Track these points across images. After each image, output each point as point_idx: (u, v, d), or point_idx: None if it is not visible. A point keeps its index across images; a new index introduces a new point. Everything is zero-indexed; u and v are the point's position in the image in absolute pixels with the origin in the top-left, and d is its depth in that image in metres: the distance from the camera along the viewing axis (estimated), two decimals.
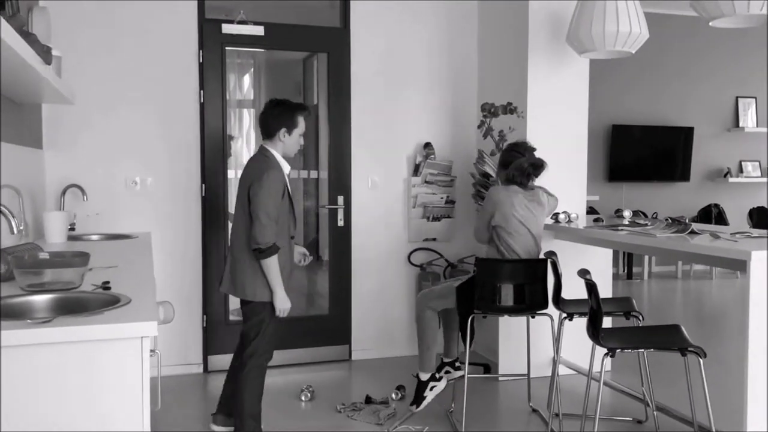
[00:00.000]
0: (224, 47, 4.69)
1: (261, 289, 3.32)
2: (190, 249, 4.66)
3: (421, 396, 3.82)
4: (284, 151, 3.41)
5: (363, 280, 5.04)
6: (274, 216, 3.26)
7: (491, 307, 3.59)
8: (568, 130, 4.59)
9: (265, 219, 3.22)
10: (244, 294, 3.36)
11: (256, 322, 3.36)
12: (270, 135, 3.39)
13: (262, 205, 3.22)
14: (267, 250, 3.24)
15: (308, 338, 4.94)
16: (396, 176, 5.07)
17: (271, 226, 3.24)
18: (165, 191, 4.59)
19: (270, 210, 3.24)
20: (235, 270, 3.39)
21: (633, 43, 4.02)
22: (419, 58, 5.08)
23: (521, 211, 3.62)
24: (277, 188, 3.28)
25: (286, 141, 3.39)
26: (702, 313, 7.30)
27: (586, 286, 2.96)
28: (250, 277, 3.32)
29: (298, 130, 3.39)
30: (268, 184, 3.24)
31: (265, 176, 3.25)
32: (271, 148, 3.40)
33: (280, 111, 3.40)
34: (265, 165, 3.33)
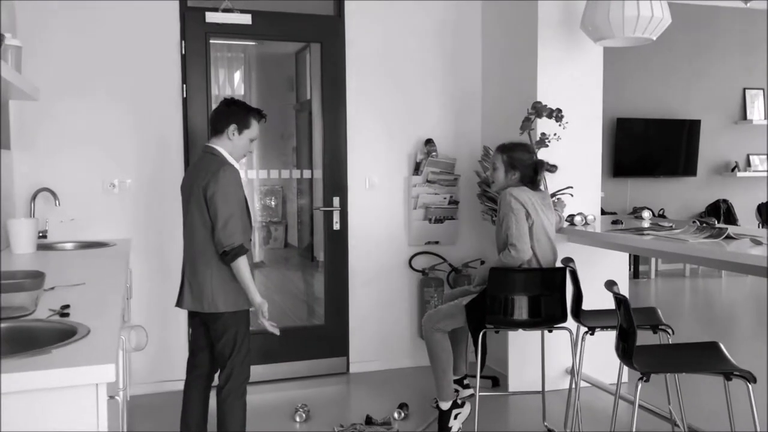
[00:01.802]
0: (208, 37, 4.34)
1: (232, 297, 3.00)
2: (174, 256, 4.30)
3: (446, 427, 3.48)
4: (232, 152, 3.07)
5: (361, 287, 4.70)
6: (239, 214, 2.96)
7: (504, 321, 3.26)
8: (581, 123, 4.25)
9: (229, 217, 2.92)
10: (215, 306, 3.01)
11: (231, 336, 3.03)
12: (218, 131, 3.07)
13: (224, 203, 2.92)
14: (234, 251, 2.92)
15: (303, 350, 4.60)
16: (395, 175, 4.73)
17: (236, 225, 2.94)
18: (145, 194, 4.24)
19: (233, 207, 2.94)
20: (198, 282, 3.04)
21: (654, 29, 3.68)
22: (419, 48, 4.73)
23: (542, 215, 3.30)
24: (237, 184, 2.98)
25: (234, 140, 3.06)
26: (714, 314, 6.99)
27: (615, 301, 2.63)
28: (220, 286, 2.99)
29: (249, 133, 3.07)
30: (226, 179, 2.94)
31: (221, 173, 2.94)
32: (218, 145, 3.07)
33: (233, 109, 3.10)
34: (218, 161, 3.01)
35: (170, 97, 4.26)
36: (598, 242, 3.58)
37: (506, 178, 3.45)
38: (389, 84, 4.67)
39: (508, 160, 3.44)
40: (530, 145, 3.56)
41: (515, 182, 3.43)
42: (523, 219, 3.24)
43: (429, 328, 3.44)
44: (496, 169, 3.48)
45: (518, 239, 3.22)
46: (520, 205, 3.26)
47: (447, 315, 3.40)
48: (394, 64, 4.67)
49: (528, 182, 3.42)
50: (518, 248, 3.21)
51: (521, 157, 3.43)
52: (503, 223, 3.26)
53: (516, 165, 3.42)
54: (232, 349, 3.01)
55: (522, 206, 3.26)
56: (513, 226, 3.23)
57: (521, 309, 3.23)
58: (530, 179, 3.42)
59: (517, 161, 3.42)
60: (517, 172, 3.42)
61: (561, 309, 3.26)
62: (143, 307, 4.20)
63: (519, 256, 3.21)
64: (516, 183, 3.43)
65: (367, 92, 4.63)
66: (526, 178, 3.41)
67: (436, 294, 4.67)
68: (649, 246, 3.09)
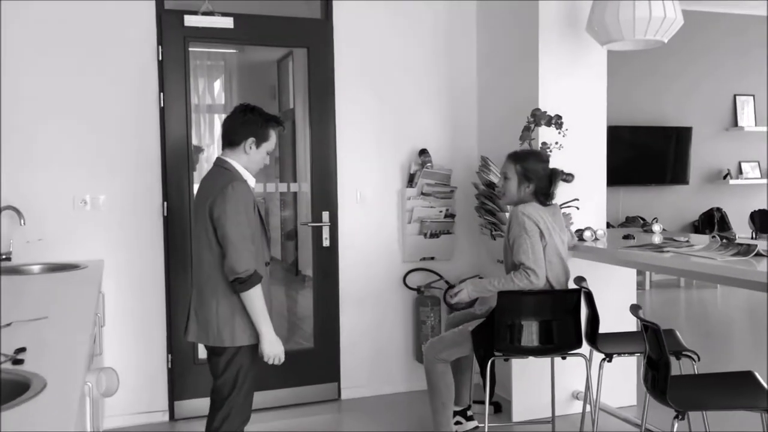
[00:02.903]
0: (187, 42, 4.04)
1: (241, 330, 2.71)
2: (151, 278, 4.00)
3: None
4: (248, 165, 2.81)
5: (352, 308, 4.41)
6: (249, 236, 2.67)
7: (514, 349, 2.99)
8: (584, 131, 4.00)
9: (240, 241, 2.62)
10: (221, 340, 2.73)
11: (233, 373, 2.75)
12: (233, 144, 2.80)
13: (233, 224, 2.63)
14: (249, 279, 2.63)
15: (291, 376, 4.29)
16: (388, 188, 4.45)
17: (249, 248, 2.65)
18: (120, 211, 3.92)
19: (243, 229, 2.65)
20: (205, 312, 2.76)
21: (667, 31, 3.45)
22: (412, 53, 4.46)
23: (554, 235, 3.04)
24: (247, 201, 2.69)
25: (251, 154, 2.79)
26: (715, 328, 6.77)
27: (643, 328, 2.37)
28: (226, 318, 2.70)
29: (267, 145, 2.82)
30: (235, 197, 2.65)
31: (229, 189, 2.65)
32: (232, 159, 2.79)
33: (251, 119, 2.81)
34: (227, 177, 2.73)
35: (146, 107, 3.95)
36: (615, 260, 3.31)
37: (519, 191, 3.19)
38: (381, 91, 4.40)
39: (522, 171, 3.18)
40: (544, 153, 3.30)
41: (529, 195, 3.17)
42: (538, 241, 2.98)
43: (431, 358, 3.15)
44: (508, 179, 3.21)
45: (535, 263, 2.95)
46: (534, 225, 3.00)
47: (451, 343, 3.12)
48: (386, 70, 4.41)
49: (542, 194, 3.16)
50: (537, 274, 2.95)
51: (536, 168, 3.18)
52: (515, 243, 3.00)
53: (530, 176, 3.16)
54: (232, 388, 2.73)
55: (536, 226, 3.00)
56: (528, 249, 2.96)
57: (532, 335, 2.97)
58: (545, 191, 3.17)
59: (532, 172, 3.17)
60: (532, 184, 3.16)
61: (575, 334, 3.00)
62: (118, 335, 3.89)
63: (536, 283, 2.94)
64: (529, 196, 3.17)
65: (358, 100, 4.36)
66: (541, 190, 3.16)
67: (432, 313, 4.40)
68: (674, 265, 2.83)
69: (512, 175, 3.20)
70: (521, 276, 2.94)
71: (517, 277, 2.95)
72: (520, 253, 2.96)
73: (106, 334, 3.73)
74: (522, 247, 2.95)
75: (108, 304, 3.72)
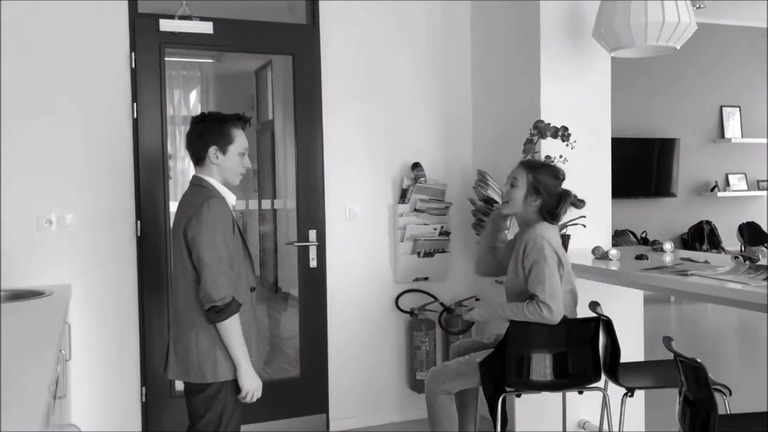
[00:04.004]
0: (163, 49, 3.74)
1: (223, 364, 2.44)
2: (124, 304, 3.67)
3: None
4: (223, 177, 2.56)
5: (341, 333, 4.11)
6: (227, 259, 2.41)
7: (526, 383, 2.71)
8: (589, 142, 3.76)
9: (216, 265, 2.37)
10: (202, 375, 2.46)
11: (217, 412, 2.47)
12: (200, 159, 2.56)
13: (209, 247, 2.38)
14: (225, 308, 2.37)
15: (275, 408, 3.97)
16: (379, 204, 4.17)
17: (225, 273, 2.39)
18: (89, 231, 3.60)
19: (220, 252, 2.39)
20: (183, 344, 2.49)
21: (680, 37, 3.23)
22: (403, 62, 4.20)
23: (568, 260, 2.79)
24: (225, 221, 2.44)
25: (221, 163, 2.54)
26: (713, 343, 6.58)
27: (681, 365, 2.11)
28: (207, 350, 2.44)
29: (235, 147, 2.56)
30: (211, 217, 2.40)
31: (204, 208, 2.41)
32: (205, 175, 2.55)
33: (206, 127, 2.57)
34: (204, 195, 2.48)
35: (118, 118, 3.64)
36: (638, 285, 3.05)
37: (525, 202, 2.92)
38: (370, 101, 4.13)
39: (533, 181, 2.91)
40: (561, 170, 3.04)
41: (533, 210, 2.91)
42: (556, 272, 2.72)
43: (433, 389, 2.87)
44: (516, 187, 2.94)
45: (552, 298, 2.67)
46: (554, 254, 2.74)
47: (456, 374, 2.84)
48: (376, 79, 4.14)
49: (548, 212, 2.90)
50: (552, 310, 2.66)
51: (547, 182, 2.92)
52: (532, 271, 2.72)
53: (540, 189, 2.90)
54: (216, 428, 2.46)
55: (555, 254, 2.74)
56: (546, 280, 2.68)
57: (546, 368, 2.70)
58: (551, 210, 2.90)
59: (543, 185, 2.90)
60: (539, 199, 2.90)
61: (594, 366, 2.73)
62: (86, 368, 3.55)
63: (549, 319, 2.66)
64: (534, 211, 2.91)
65: (346, 110, 4.08)
66: (548, 208, 2.90)
67: (427, 338, 4.12)
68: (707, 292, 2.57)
69: (522, 184, 2.93)
70: (534, 309, 2.66)
71: (530, 309, 2.67)
72: (536, 283, 2.69)
73: (73, 368, 3.39)
74: (539, 277, 2.69)
75: (75, 333, 3.39)
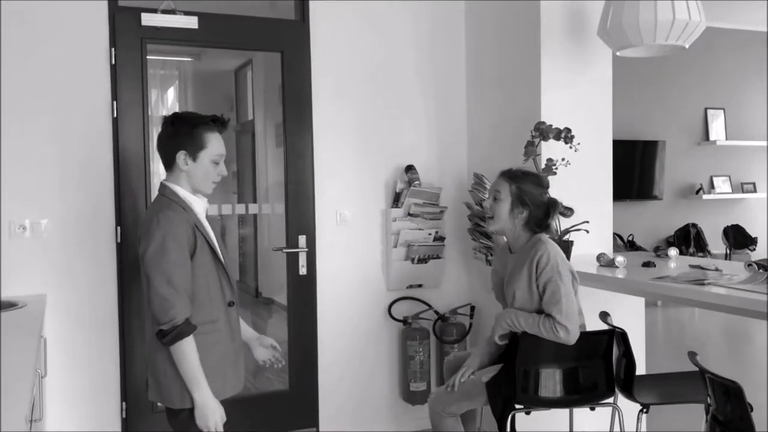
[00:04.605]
0: (145, 44, 3.54)
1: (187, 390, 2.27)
2: (103, 315, 3.46)
3: None
4: (193, 185, 2.36)
5: (332, 343, 3.93)
6: (180, 280, 2.20)
7: (536, 400, 2.57)
8: (589, 145, 3.62)
9: (163, 284, 2.18)
10: (170, 400, 2.29)
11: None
12: (169, 164, 2.36)
13: (156, 264, 2.19)
14: (172, 331, 2.18)
15: (263, 422, 3.79)
16: (371, 208, 4.00)
17: (176, 295, 2.19)
18: (66, 238, 3.38)
19: (168, 270, 2.19)
20: (153, 367, 2.34)
21: (690, 36, 3.11)
22: (396, 59, 4.04)
23: None
24: (178, 238, 2.22)
25: (191, 170, 2.34)
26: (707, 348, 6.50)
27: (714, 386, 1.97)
28: (173, 374, 2.25)
29: (207, 153, 2.34)
30: (160, 234, 2.20)
31: (154, 224, 2.22)
32: (172, 183, 2.35)
33: (176, 130, 2.36)
34: (157, 207, 2.30)
35: (97, 117, 3.43)
36: (654, 296, 2.92)
37: (511, 215, 2.76)
38: (362, 100, 3.96)
39: (518, 193, 2.75)
40: (545, 178, 2.90)
41: (520, 223, 2.75)
42: (572, 291, 2.58)
43: (438, 412, 2.70)
44: (499, 200, 2.77)
45: (568, 318, 2.52)
46: (568, 271, 2.59)
47: (462, 395, 2.67)
48: (368, 78, 3.97)
49: (535, 224, 2.75)
50: (569, 331, 2.52)
51: (533, 192, 2.76)
52: (546, 290, 2.57)
53: (526, 201, 2.73)
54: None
55: (569, 272, 2.59)
56: (562, 300, 2.53)
57: (556, 384, 2.55)
58: (538, 222, 2.75)
59: (528, 196, 2.74)
60: (526, 210, 2.73)
61: (607, 381, 2.59)
62: (63, 383, 3.33)
63: (568, 340, 2.52)
64: (521, 224, 2.75)
65: (337, 110, 3.91)
66: (535, 220, 2.74)
67: (421, 348, 3.96)
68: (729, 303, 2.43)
69: (505, 197, 2.76)
70: (549, 329, 2.51)
71: (545, 327, 2.51)
72: (552, 304, 2.53)
73: (48, 384, 3.18)
74: (554, 297, 2.53)
75: (51, 346, 3.18)
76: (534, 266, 2.61)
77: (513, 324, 2.53)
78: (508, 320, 2.55)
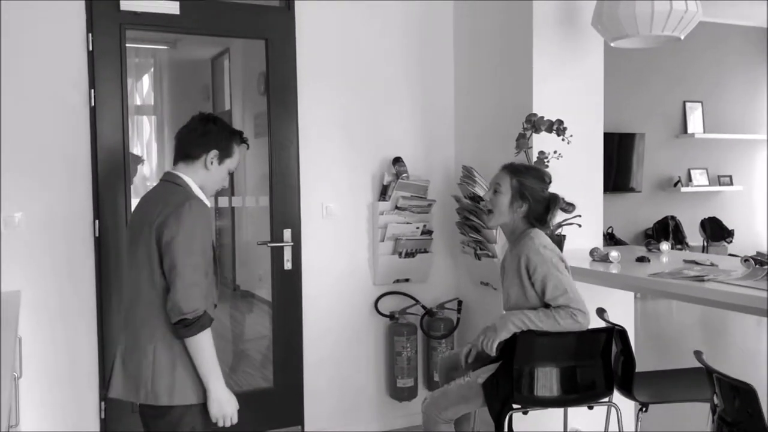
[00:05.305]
0: (124, 30, 3.40)
1: (182, 385, 2.17)
2: (80, 311, 3.33)
3: None
4: (206, 184, 2.31)
5: (317, 339, 3.84)
6: (203, 268, 2.16)
7: (535, 400, 2.50)
8: (581, 138, 3.56)
9: (191, 273, 2.11)
10: (155, 396, 2.17)
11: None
12: (190, 158, 2.29)
13: (185, 253, 2.11)
14: (196, 321, 2.11)
15: (246, 421, 3.62)
16: (358, 202, 3.91)
17: (199, 284, 2.13)
18: (41, 232, 3.24)
19: (196, 259, 2.13)
20: (137, 360, 2.20)
21: (686, 26, 3.06)
22: (384, 50, 3.94)
23: None
24: (205, 226, 2.19)
25: (212, 171, 2.30)
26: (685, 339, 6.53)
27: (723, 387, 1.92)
28: (165, 369, 2.16)
29: (230, 163, 2.35)
30: (192, 219, 2.14)
31: (185, 209, 2.14)
32: (186, 174, 2.28)
33: (213, 129, 2.32)
34: (182, 194, 2.21)
35: (74, 106, 3.29)
36: (652, 292, 2.85)
37: (511, 209, 2.69)
38: (349, 90, 3.86)
39: (519, 187, 2.68)
40: (546, 172, 2.84)
41: (520, 217, 2.68)
42: (570, 277, 2.53)
43: (433, 417, 2.61)
44: (500, 194, 2.70)
45: (578, 302, 2.48)
46: (560, 259, 2.55)
47: (459, 399, 2.59)
48: (354, 68, 3.87)
49: (535, 219, 2.68)
50: (585, 313, 2.48)
51: (534, 186, 2.69)
52: (546, 284, 2.50)
53: (526, 195, 2.67)
54: None
55: (561, 259, 2.55)
56: (567, 288, 2.49)
57: (553, 383, 2.49)
58: (540, 216, 2.69)
59: (529, 190, 2.67)
60: (526, 205, 2.67)
61: (605, 379, 2.54)
62: (39, 384, 3.20)
63: (583, 323, 2.48)
64: (521, 218, 2.69)
65: (323, 100, 3.80)
66: (536, 215, 2.68)
67: (409, 343, 3.89)
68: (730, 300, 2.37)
69: (506, 190, 2.69)
70: (566, 315, 2.44)
71: (561, 316, 2.45)
72: (558, 295, 2.47)
73: (23, 386, 3.04)
74: (558, 288, 2.48)
75: (27, 344, 3.05)
76: (524, 267, 2.55)
77: (525, 324, 2.45)
78: (518, 322, 2.47)
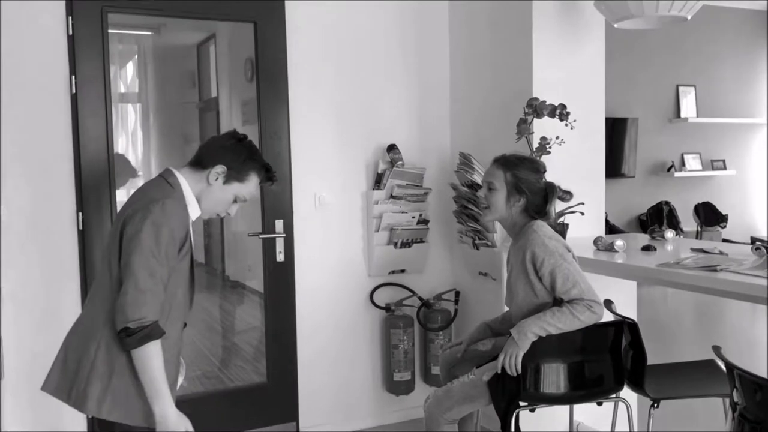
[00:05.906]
0: (105, 13, 3.25)
1: (114, 401, 1.96)
2: (63, 308, 3.18)
3: None
4: (200, 197, 2.12)
5: (311, 332, 3.72)
6: (161, 275, 1.95)
7: (542, 397, 2.40)
8: (582, 122, 3.44)
9: (144, 277, 1.91)
10: (81, 402, 1.97)
11: None
12: (199, 164, 2.12)
13: (143, 254, 1.92)
14: (140, 332, 1.90)
15: (240, 417, 3.58)
16: (352, 191, 3.78)
17: (153, 290, 1.93)
18: (21, 225, 3.10)
19: (154, 264, 1.93)
20: (76, 357, 2.01)
21: (693, 7, 2.94)
22: (378, 32, 3.80)
23: None
24: (175, 231, 1.99)
25: (213, 188, 2.11)
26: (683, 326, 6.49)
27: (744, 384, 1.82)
28: (100, 374, 1.96)
29: (238, 188, 2.14)
30: (159, 220, 1.94)
31: (156, 207, 1.95)
32: (184, 176, 2.10)
33: (233, 146, 2.14)
34: (161, 191, 2.02)
35: (54, 93, 3.14)
36: (664, 282, 2.73)
37: (508, 204, 2.55)
38: (341, 76, 3.72)
39: (513, 181, 2.54)
40: (541, 162, 2.72)
41: (518, 211, 2.56)
42: (578, 266, 2.42)
43: (436, 418, 2.50)
44: (494, 190, 2.56)
45: (591, 292, 2.37)
46: (566, 249, 2.44)
47: (463, 398, 2.47)
48: (348, 51, 3.73)
49: (534, 212, 2.56)
50: (600, 303, 2.37)
51: (529, 178, 2.55)
52: (556, 278, 2.38)
53: (522, 188, 2.53)
54: None
55: (567, 249, 2.44)
56: (578, 279, 2.37)
57: (561, 379, 2.39)
58: (538, 208, 2.56)
59: (524, 183, 2.54)
60: (523, 198, 2.54)
61: (616, 375, 2.44)
62: (21, 388, 3.06)
63: (600, 314, 2.36)
64: (519, 212, 2.56)
65: (315, 86, 3.67)
66: (534, 207, 2.55)
67: (405, 336, 3.78)
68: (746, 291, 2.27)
69: (500, 186, 2.56)
70: (583, 309, 2.32)
71: (578, 310, 2.32)
72: (570, 287, 2.35)
73: (5, 385, 2.91)
74: (569, 280, 2.36)
75: (8, 342, 2.92)
76: (529, 261, 2.44)
77: (544, 330, 2.31)
78: (537, 329, 2.32)
